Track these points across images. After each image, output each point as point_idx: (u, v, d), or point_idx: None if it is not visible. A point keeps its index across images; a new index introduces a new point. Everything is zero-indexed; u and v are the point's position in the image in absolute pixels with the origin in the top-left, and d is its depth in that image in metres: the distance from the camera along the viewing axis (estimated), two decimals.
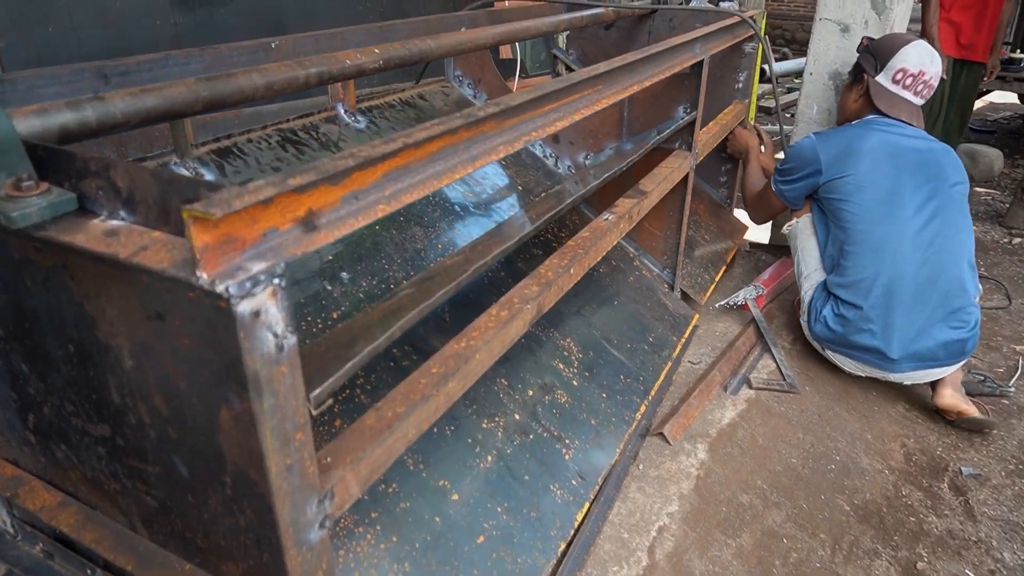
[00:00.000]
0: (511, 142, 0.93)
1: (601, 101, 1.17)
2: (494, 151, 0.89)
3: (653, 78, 1.41)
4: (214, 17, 2.62)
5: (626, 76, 1.29)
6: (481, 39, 1.48)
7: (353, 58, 1.12)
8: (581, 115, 1.09)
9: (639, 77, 1.37)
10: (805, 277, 1.97)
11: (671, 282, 2.06)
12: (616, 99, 1.22)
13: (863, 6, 2.21)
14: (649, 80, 1.39)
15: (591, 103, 1.15)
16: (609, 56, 2.75)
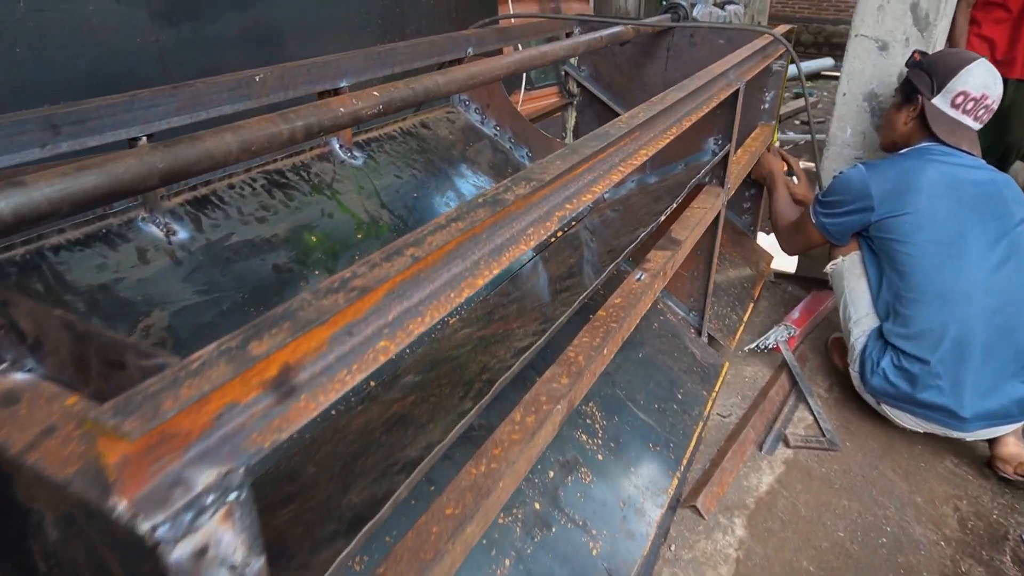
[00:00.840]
0: (543, 220, 0.76)
1: (640, 153, 0.99)
2: (523, 236, 0.72)
3: (692, 117, 1.24)
4: (202, 33, 2.43)
5: (664, 120, 1.11)
6: (492, 71, 1.30)
7: (348, 104, 0.94)
8: (619, 174, 0.91)
9: (677, 118, 1.19)
10: (855, 322, 1.79)
11: (698, 326, 1.88)
12: (655, 148, 1.04)
13: (904, 22, 2.03)
14: (688, 120, 1.21)
15: (628, 156, 0.98)
16: (624, 73, 2.58)
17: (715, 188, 1.67)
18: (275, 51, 2.51)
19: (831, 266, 1.88)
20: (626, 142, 0.95)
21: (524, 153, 1.93)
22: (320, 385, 0.47)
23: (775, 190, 2.14)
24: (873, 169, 1.74)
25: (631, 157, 0.97)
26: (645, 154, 1.00)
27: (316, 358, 0.48)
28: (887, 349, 1.70)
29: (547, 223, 0.75)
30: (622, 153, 0.96)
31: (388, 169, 1.59)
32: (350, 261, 1.32)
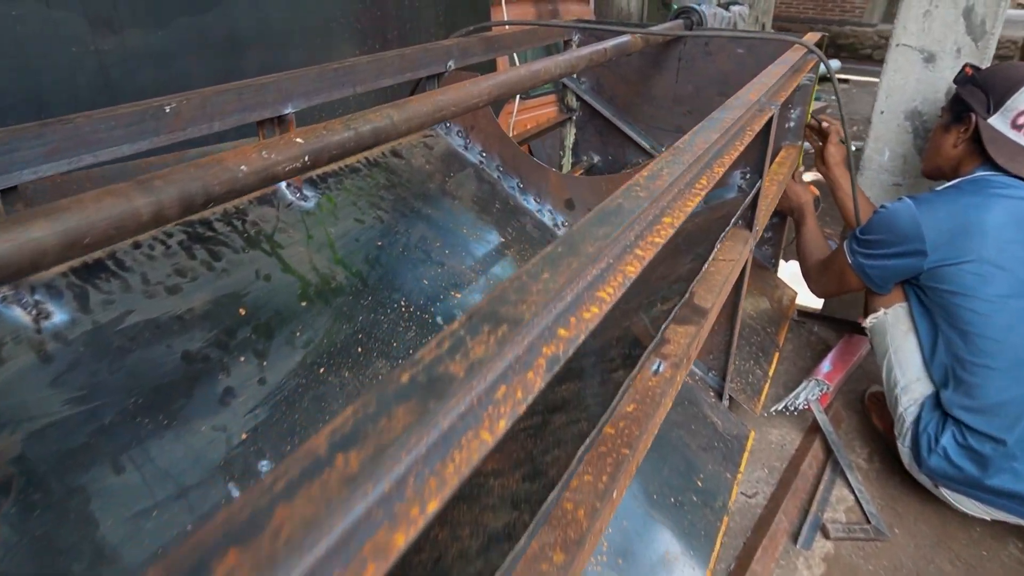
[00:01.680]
0: (521, 369, 0.47)
1: (660, 230, 0.70)
2: (471, 420, 0.43)
3: (725, 160, 0.96)
4: (149, 42, 2.14)
5: (692, 172, 0.83)
6: (467, 98, 1.02)
7: (251, 160, 0.66)
8: (633, 269, 0.63)
9: (707, 162, 0.91)
10: (903, 388, 1.51)
11: (718, 388, 1.60)
12: (683, 214, 0.76)
13: (955, 30, 1.75)
14: (720, 167, 0.93)
15: (647, 234, 0.69)
16: (629, 85, 2.29)
17: (742, 232, 1.40)
18: (236, 61, 2.23)
19: (871, 319, 1.60)
20: (649, 215, 0.67)
21: (514, 184, 1.65)
22: None
23: (803, 223, 1.86)
24: (924, 205, 1.46)
25: (650, 234, 0.69)
26: (670, 227, 0.72)
27: None
28: (947, 423, 1.42)
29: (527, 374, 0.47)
30: (640, 236, 0.68)
31: (347, 211, 1.31)
32: (288, 340, 1.04)
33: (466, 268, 1.38)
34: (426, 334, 1.20)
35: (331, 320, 1.11)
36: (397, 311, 1.20)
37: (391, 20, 2.79)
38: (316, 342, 1.07)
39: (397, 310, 1.21)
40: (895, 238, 1.46)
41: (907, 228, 1.44)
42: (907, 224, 1.44)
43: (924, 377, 1.49)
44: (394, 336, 1.16)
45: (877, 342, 1.59)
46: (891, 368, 1.54)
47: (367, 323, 1.15)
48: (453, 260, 1.37)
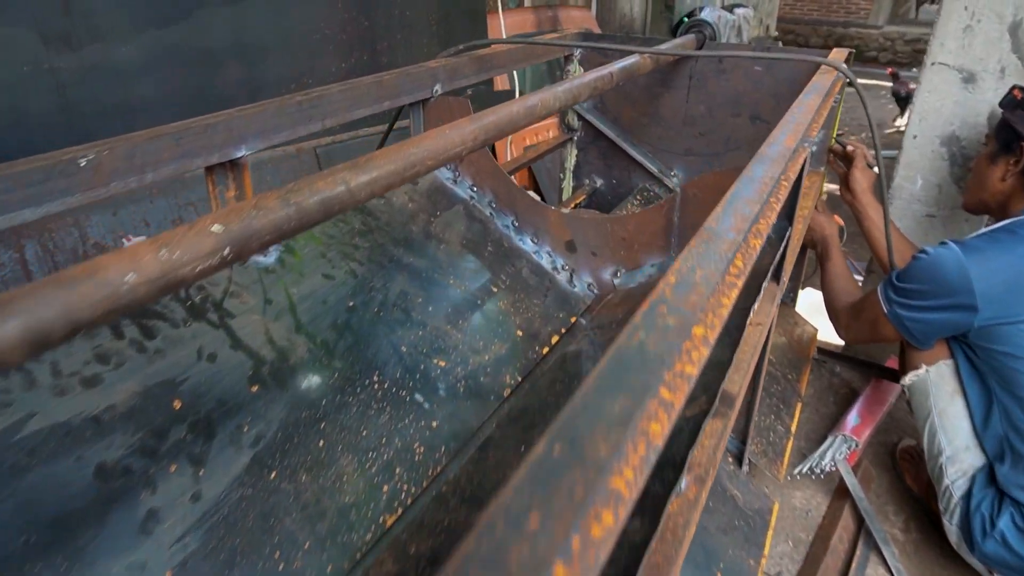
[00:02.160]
0: None
1: (692, 353, 0.53)
2: None
3: (761, 229, 0.78)
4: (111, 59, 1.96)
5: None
6: (446, 148, 0.84)
7: (143, 266, 0.48)
8: (658, 429, 0.45)
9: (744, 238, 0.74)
10: (949, 458, 1.34)
11: (738, 453, 1.43)
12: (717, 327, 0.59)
13: (1000, 48, 1.57)
14: (758, 240, 0.76)
15: (676, 376, 0.52)
16: (636, 104, 2.11)
17: (770, 286, 1.22)
18: (210, 78, 2.05)
19: (912, 377, 1.42)
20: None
21: (509, 222, 1.47)
22: None
23: (828, 259, 1.67)
24: (973, 253, 1.27)
25: (679, 370, 0.51)
26: (703, 343, 0.54)
27: None
28: (1005, 503, 1.24)
29: None
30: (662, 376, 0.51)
31: (315, 266, 1.13)
32: (233, 438, 0.87)
33: (452, 328, 1.20)
34: (403, 416, 1.03)
35: (288, 408, 0.94)
36: (369, 390, 1.03)
37: (380, 31, 2.62)
38: (268, 438, 0.89)
39: (369, 388, 1.03)
40: (940, 289, 1.28)
41: (954, 279, 1.26)
42: (954, 275, 1.26)
43: (974, 447, 1.31)
44: (364, 422, 0.98)
45: (917, 402, 1.42)
46: (934, 433, 1.36)
47: (332, 408, 0.97)
48: (437, 319, 1.20)
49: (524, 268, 1.43)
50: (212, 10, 2.04)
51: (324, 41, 2.39)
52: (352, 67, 2.44)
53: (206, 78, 2.02)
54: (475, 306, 1.27)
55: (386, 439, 0.99)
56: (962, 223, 1.75)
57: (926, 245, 1.34)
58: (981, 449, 1.31)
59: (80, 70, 1.84)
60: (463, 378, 1.13)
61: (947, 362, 1.37)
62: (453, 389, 1.11)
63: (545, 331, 1.32)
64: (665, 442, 0.44)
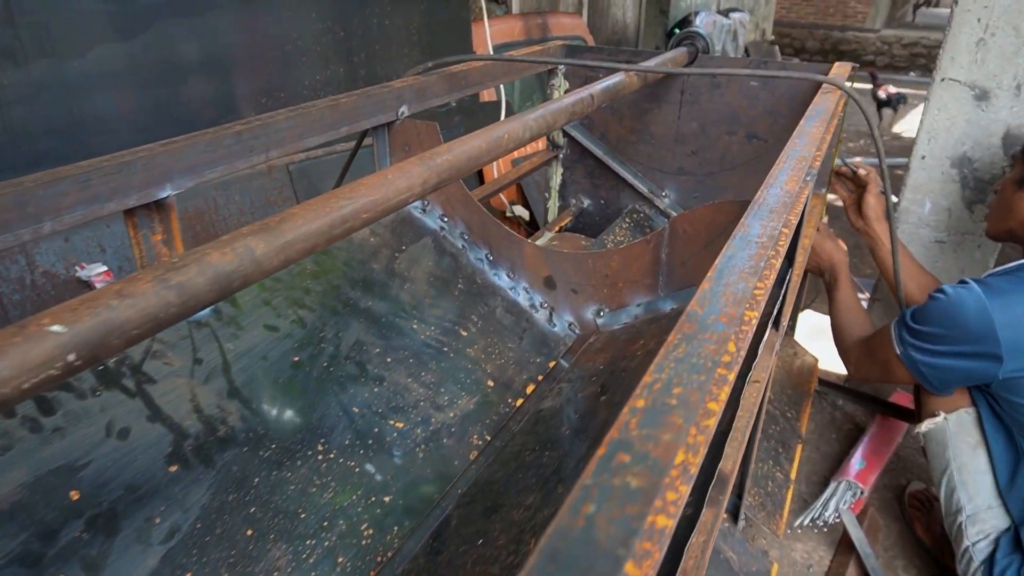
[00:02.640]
0: None
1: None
2: None
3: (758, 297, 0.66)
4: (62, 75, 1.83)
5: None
6: (401, 192, 0.72)
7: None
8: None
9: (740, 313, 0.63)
10: (969, 517, 1.21)
11: (733, 510, 1.30)
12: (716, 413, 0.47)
13: (1016, 63, 1.46)
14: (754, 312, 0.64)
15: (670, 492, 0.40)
16: (624, 120, 1.98)
17: (769, 336, 1.09)
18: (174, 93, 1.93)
19: (928, 424, 1.29)
20: None
21: (483, 256, 1.35)
22: None
23: (837, 289, 1.55)
24: (998, 296, 1.15)
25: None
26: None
27: None
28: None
29: None
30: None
31: (256, 317, 1.00)
32: (140, 534, 0.74)
33: (413, 382, 1.07)
34: (350, 492, 0.90)
35: (212, 491, 0.81)
36: (311, 462, 0.90)
37: (356, 41, 2.49)
38: (184, 530, 0.77)
39: (311, 460, 0.90)
40: (960, 335, 1.16)
41: (975, 325, 1.13)
42: (976, 320, 1.13)
43: (998, 506, 1.19)
44: (303, 503, 0.86)
45: (934, 452, 1.29)
46: (953, 489, 1.24)
47: (265, 488, 0.85)
48: (396, 372, 1.07)
49: (499, 307, 1.31)
50: (175, 21, 1.91)
51: (297, 53, 2.27)
52: (328, 79, 2.32)
53: (169, 93, 1.90)
54: (441, 354, 1.14)
55: (328, 522, 0.86)
56: (974, 250, 1.63)
57: (945, 284, 1.21)
58: (1005, 509, 1.18)
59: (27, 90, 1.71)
60: (423, 441, 1.01)
61: (968, 410, 1.25)
62: (411, 455, 0.99)
63: (520, 379, 1.19)
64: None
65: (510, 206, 2.95)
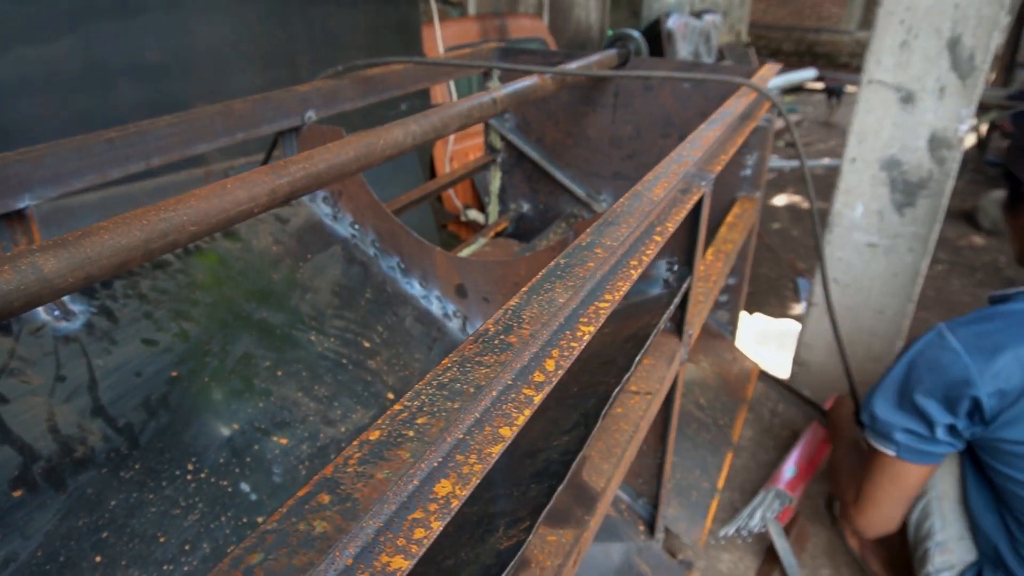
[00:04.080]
0: None
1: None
2: None
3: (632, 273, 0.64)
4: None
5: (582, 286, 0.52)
6: (244, 199, 0.68)
7: None
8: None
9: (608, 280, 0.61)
10: (938, 545, 1.19)
11: (650, 520, 1.28)
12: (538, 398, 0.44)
13: (939, 65, 1.44)
14: (626, 283, 0.62)
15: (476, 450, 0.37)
16: (560, 125, 1.94)
17: (670, 341, 1.07)
18: (101, 98, 1.88)
19: None
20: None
21: (394, 264, 1.32)
22: None
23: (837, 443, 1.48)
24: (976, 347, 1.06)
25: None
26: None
27: None
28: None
29: None
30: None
31: (133, 331, 0.97)
32: None
33: (304, 396, 1.04)
34: (218, 513, 0.87)
35: (59, 516, 0.77)
36: (178, 483, 0.86)
37: (300, 45, 2.45)
38: (22, 560, 0.73)
39: (178, 481, 0.87)
40: (943, 381, 1.08)
41: (956, 376, 1.07)
42: (956, 373, 1.07)
43: (969, 539, 1.16)
44: (164, 525, 0.82)
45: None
46: (928, 514, 1.21)
47: (122, 511, 0.81)
48: (286, 387, 1.04)
49: (409, 316, 1.28)
50: (100, 24, 1.86)
51: (236, 56, 2.23)
52: (268, 83, 2.28)
53: (96, 98, 1.85)
54: (338, 367, 1.11)
55: (191, 545, 0.83)
56: (905, 253, 1.62)
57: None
58: (975, 545, 1.16)
59: None
60: (307, 458, 0.98)
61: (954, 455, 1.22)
62: (293, 472, 0.95)
63: None
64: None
65: (464, 210, 2.92)
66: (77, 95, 1.82)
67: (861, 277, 1.70)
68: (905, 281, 1.64)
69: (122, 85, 1.92)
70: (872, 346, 1.74)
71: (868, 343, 1.74)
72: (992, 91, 6.24)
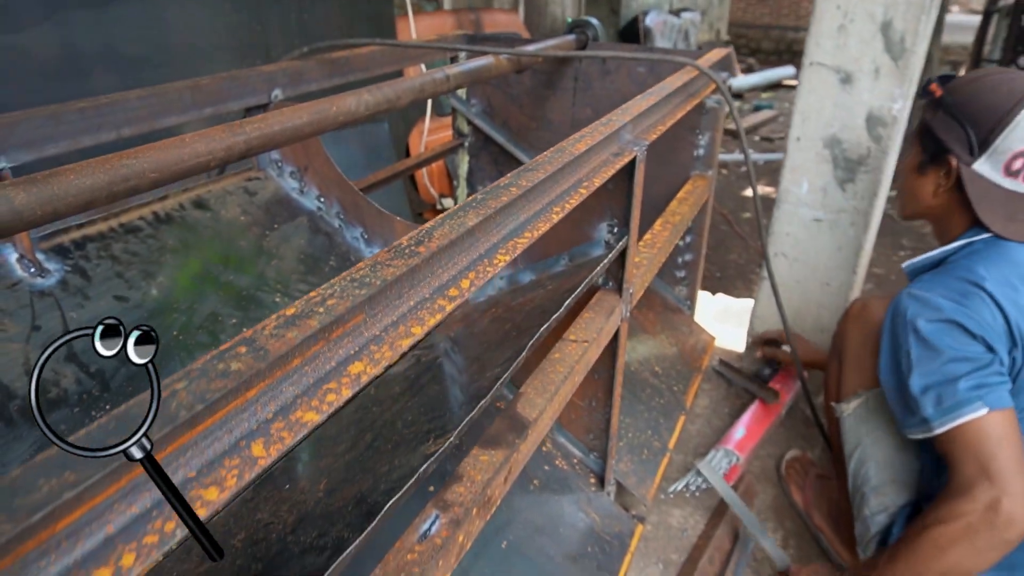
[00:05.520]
0: None
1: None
2: None
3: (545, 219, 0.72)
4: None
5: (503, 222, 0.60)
6: (202, 151, 0.75)
7: None
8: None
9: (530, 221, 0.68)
10: (873, 489, 1.26)
11: (600, 473, 1.36)
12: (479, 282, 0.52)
13: (873, 47, 1.53)
14: (546, 224, 0.69)
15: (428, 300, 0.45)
16: (523, 108, 2.04)
17: (610, 297, 1.15)
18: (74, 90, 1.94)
19: (853, 404, 1.31)
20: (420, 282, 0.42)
21: (358, 234, 1.39)
22: None
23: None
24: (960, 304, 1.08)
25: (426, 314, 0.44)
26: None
27: None
28: None
29: None
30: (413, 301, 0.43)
31: (105, 288, 1.04)
32: None
33: None
34: None
35: (35, 447, 0.84)
36: None
37: (275, 37, 2.52)
38: None
39: None
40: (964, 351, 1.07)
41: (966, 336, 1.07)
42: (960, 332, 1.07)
43: (901, 482, 1.23)
44: None
45: (851, 426, 1.32)
46: (864, 461, 1.27)
47: None
48: None
49: None
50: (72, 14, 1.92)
51: (210, 47, 2.29)
52: None
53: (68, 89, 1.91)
54: None
55: None
56: (848, 227, 1.70)
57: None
58: (907, 487, 1.23)
59: None
60: None
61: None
62: None
63: None
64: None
65: (439, 198, 2.99)
66: (47, 86, 1.88)
67: (808, 251, 1.78)
68: (849, 254, 1.73)
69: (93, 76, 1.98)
70: (820, 317, 1.83)
71: (816, 314, 1.83)
72: None
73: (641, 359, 1.71)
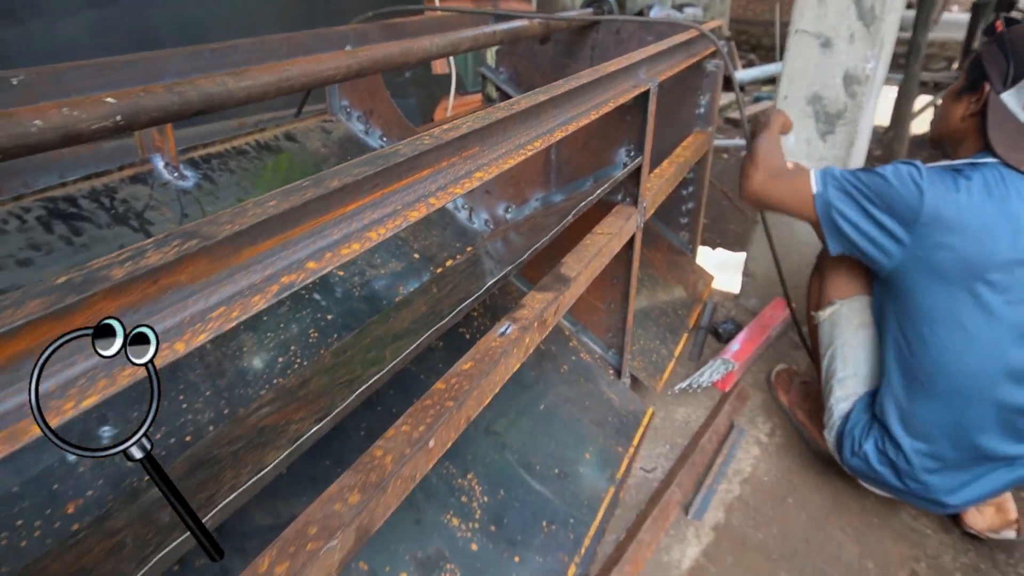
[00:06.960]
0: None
1: (480, 174, 0.73)
2: None
3: (576, 122, 0.98)
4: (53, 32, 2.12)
5: (528, 125, 0.86)
6: (329, 69, 1.03)
7: (48, 117, 0.66)
8: (462, 187, 0.64)
9: (549, 126, 0.94)
10: (839, 380, 1.51)
11: (617, 366, 1.63)
12: (508, 164, 0.78)
13: (848, 16, 1.80)
14: (562, 131, 0.96)
15: (461, 177, 0.72)
16: (546, 75, 2.32)
17: (627, 208, 1.42)
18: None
19: (828, 311, 1.57)
20: (463, 155, 0.69)
21: None
22: None
23: (766, 130, 1.56)
24: (933, 175, 1.25)
25: (459, 183, 0.71)
26: (488, 172, 0.74)
27: None
28: (872, 428, 1.42)
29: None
30: (457, 170, 0.70)
31: (230, 191, 1.31)
32: None
33: None
34: (301, 308, 1.21)
35: None
36: None
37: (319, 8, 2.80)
38: None
39: None
40: (888, 194, 1.27)
41: (905, 189, 1.25)
42: (906, 185, 1.25)
43: (862, 375, 1.47)
44: (267, 311, 1.16)
45: (825, 331, 1.57)
46: (833, 359, 1.53)
47: None
48: None
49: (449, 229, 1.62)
50: None
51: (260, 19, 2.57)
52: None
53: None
54: None
55: (283, 325, 1.17)
56: None
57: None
58: (866, 379, 1.48)
59: (23, 41, 2.00)
60: (359, 286, 1.32)
61: (862, 297, 1.51)
62: (349, 294, 1.30)
63: (441, 256, 1.51)
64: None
65: None
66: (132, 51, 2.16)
67: None
68: None
69: (168, 44, 2.26)
70: (806, 254, 2.10)
71: (803, 251, 2.10)
72: (951, 74, 6.63)
73: (651, 292, 1.98)
